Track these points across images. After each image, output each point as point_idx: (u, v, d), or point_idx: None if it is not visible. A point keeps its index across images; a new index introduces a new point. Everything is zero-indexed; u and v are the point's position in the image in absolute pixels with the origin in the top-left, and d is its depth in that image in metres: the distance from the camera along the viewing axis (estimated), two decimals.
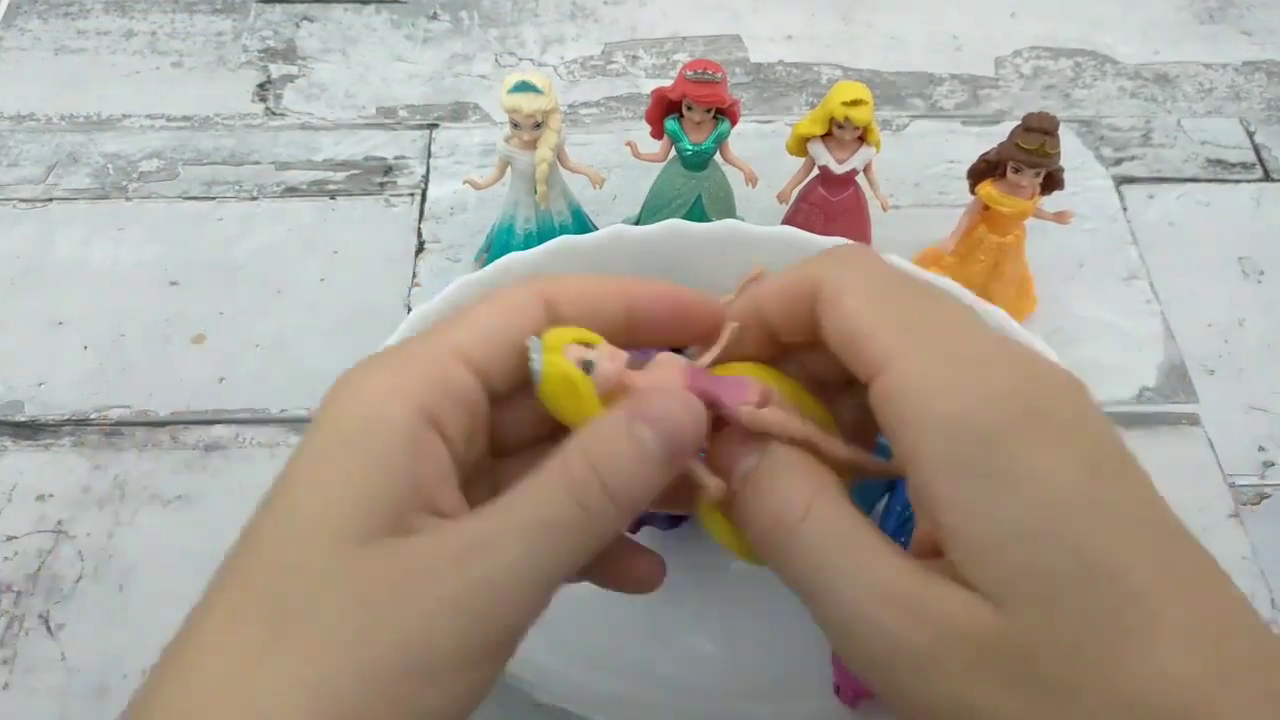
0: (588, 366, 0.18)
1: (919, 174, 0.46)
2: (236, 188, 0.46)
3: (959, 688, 0.15)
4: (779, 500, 0.18)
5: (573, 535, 0.16)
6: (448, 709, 0.15)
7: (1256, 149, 0.48)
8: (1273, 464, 0.38)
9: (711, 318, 0.20)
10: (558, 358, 0.18)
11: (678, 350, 0.20)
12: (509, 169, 0.39)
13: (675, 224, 0.37)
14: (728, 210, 0.41)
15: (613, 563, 0.19)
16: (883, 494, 0.35)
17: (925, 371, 0.17)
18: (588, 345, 0.18)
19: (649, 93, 0.38)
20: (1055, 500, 0.15)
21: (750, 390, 0.19)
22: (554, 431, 0.19)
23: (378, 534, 0.16)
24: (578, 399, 0.18)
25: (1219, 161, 0.48)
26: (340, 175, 0.47)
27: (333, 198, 0.46)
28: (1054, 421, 0.16)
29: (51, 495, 0.37)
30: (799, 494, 0.18)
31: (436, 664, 0.15)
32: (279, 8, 0.54)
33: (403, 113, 0.49)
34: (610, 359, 0.18)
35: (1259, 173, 0.48)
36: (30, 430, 0.38)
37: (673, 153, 0.39)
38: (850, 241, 0.20)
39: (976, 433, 0.16)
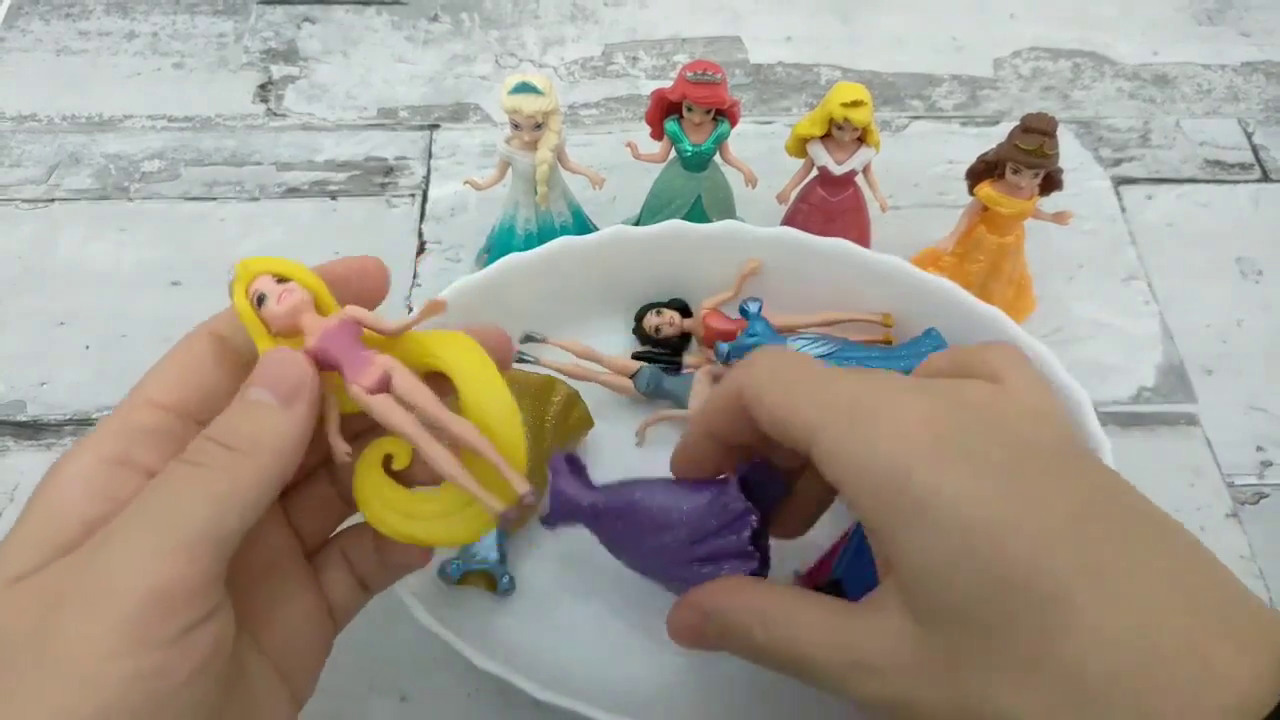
0: (260, 300, 0.20)
1: (918, 175, 0.47)
2: (238, 188, 0.46)
3: (896, 690, 0.19)
4: (738, 642, 0.22)
5: (199, 488, 0.17)
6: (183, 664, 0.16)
7: (1255, 150, 0.49)
8: (1271, 463, 0.38)
9: (377, 275, 0.22)
10: (239, 288, 0.20)
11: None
12: (509, 170, 0.39)
13: (675, 224, 0.37)
14: (727, 211, 0.41)
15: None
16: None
17: (841, 434, 0.20)
18: (280, 279, 0.20)
19: (649, 94, 0.39)
20: (963, 523, 0.17)
21: (367, 371, 0.20)
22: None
23: (34, 569, 0.17)
24: (253, 330, 0.20)
25: (1217, 162, 0.48)
26: (341, 176, 0.47)
27: (334, 198, 0.46)
28: (961, 440, 0.18)
29: None
30: (750, 621, 0.22)
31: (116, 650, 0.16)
32: (280, 9, 0.54)
33: (403, 114, 0.49)
34: (280, 300, 0.20)
35: (1257, 173, 0.48)
36: (32, 430, 0.39)
37: (672, 153, 0.39)
38: (756, 352, 0.24)
39: (890, 473, 0.18)
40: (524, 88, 0.36)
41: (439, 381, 0.21)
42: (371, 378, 0.20)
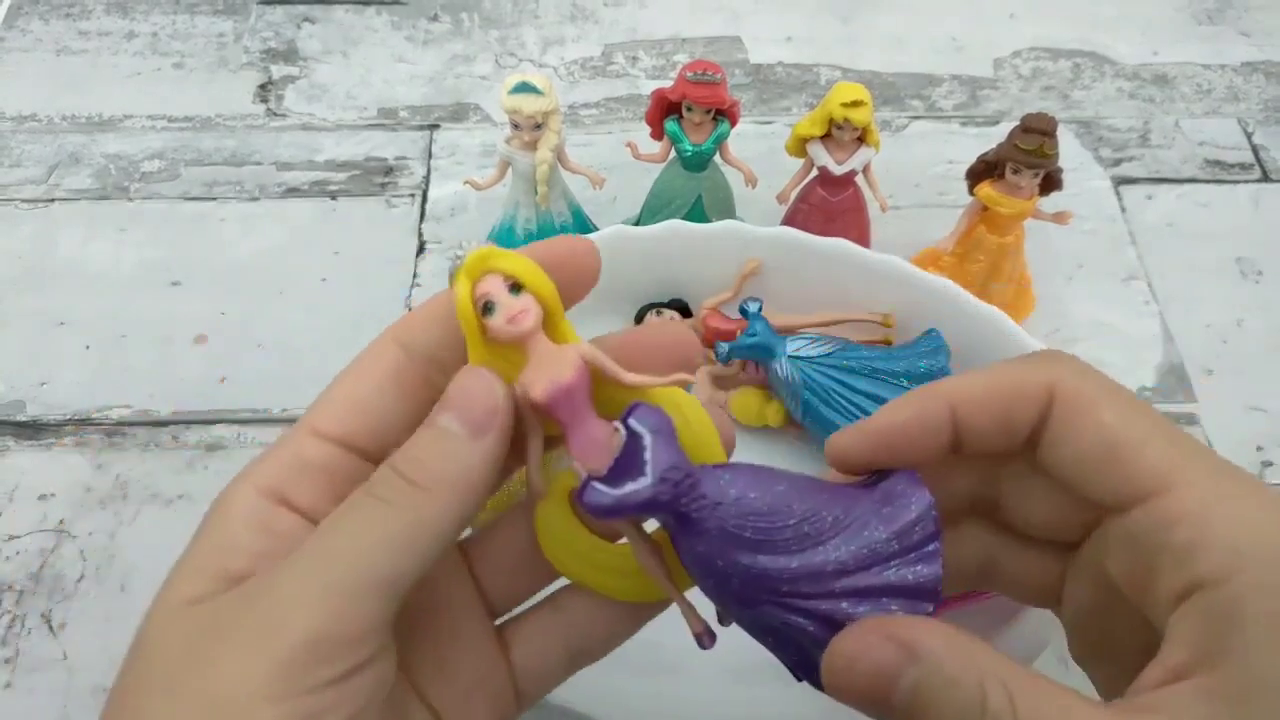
0: (487, 308, 0.17)
1: (918, 175, 0.47)
2: (238, 188, 0.46)
3: None
4: (951, 711, 0.15)
5: (378, 527, 0.16)
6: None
7: (1255, 149, 0.49)
8: (1271, 463, 0.38)
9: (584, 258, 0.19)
10: (465, 282, 0.17)
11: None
12: (509, 170, 0.39)
13: (675, 224, 0.37)
14: (727, 211, 0.41)
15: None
16: None
17: (1227, 493, 0.15)
18: (516, 286, 0.17)
19: (649, 94, 0.39)
20: None
21: (598, 453, 0.17)
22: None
23: (207, 596, 0.16)
24: (470, 336, 0.17)
25: (1217, 162, 0.48)
26: (341, 176, 0.47)
27: (334, 198, 0.46)
28: None
29: (53, 495, 0.37)
30: (990, 692, 0.15)
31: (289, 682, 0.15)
32: (280, 9, 0.54)
33: (403, 113, 0.49)
34: (514, 320, 0.17)
35: (1257, 173, 0.48)
36: (32, 430, 0.39)
37: (672, 153, 0.39)
38: (1053, 350, 0.18)
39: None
40: (524, 88, 0.36)
41: None
42: (601, 463, 0.17)
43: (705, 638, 0.17)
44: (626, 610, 0.19)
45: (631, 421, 0.17)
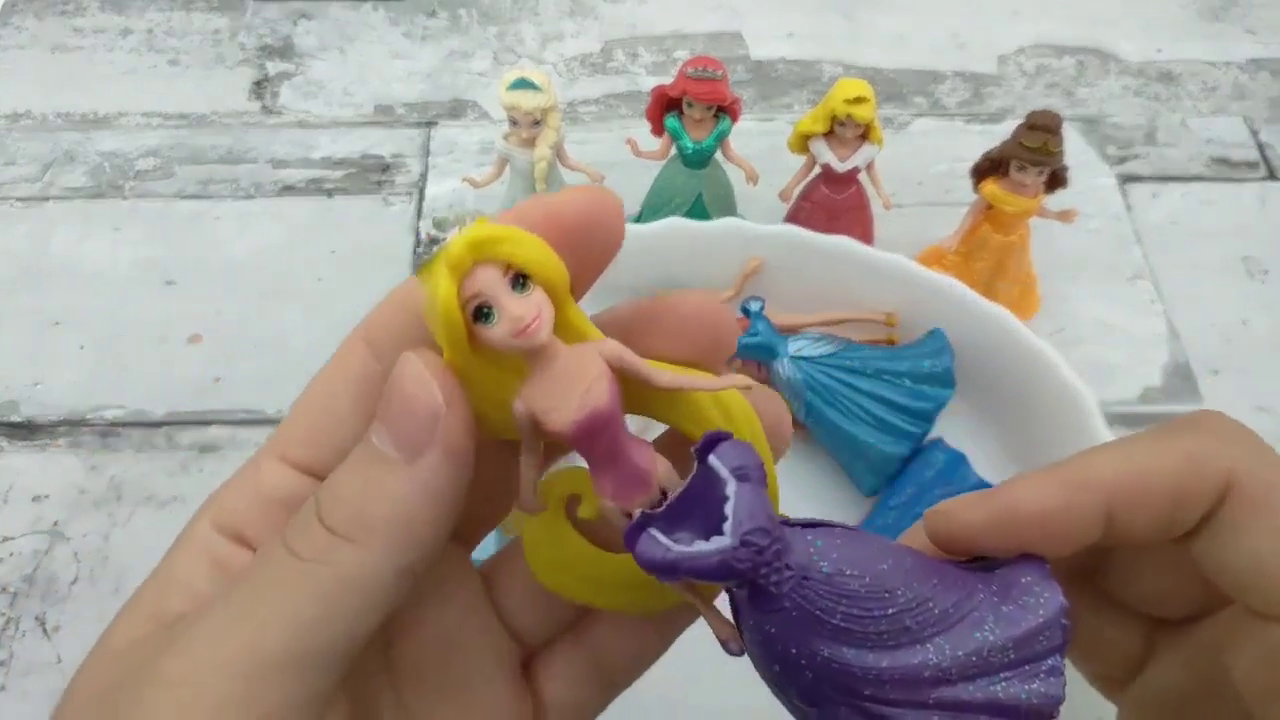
0: (482, 314, 0.13)
1: (922, 172, 0.46)
2: (233, 186, 0.46)
3: None
4: None
5: (288, 592, 0.13)
6: None
7: (1261, 147, 0.48)
8: None
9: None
10: (449, 276, 0.12)
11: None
12: (507, 167, 0.39)
13: (676, 222, 0.37)
14: (729, 208, 0.40)
15: None
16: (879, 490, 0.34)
17: None
18: (519, 277, 0.13)
19: (649, 90, 0.38)
20: None
21: (639, 492, 0.13)
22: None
23: (137, 643, 0.14)
24: (450, 341, 0.13)
25: (1223, 160, 0.48)
26: (338, 174, 0.47)
27: (330, 196, 0.46)
28: None
29: (47, 496, 0.36)
30: None
31: None
32: (276, 5, 0.53)
33: (400, 110, 0.49)
34: (522, 333, 0.13)
35: (1263, 171, 0.47)
36: (26, 431, 0.38)
37: (673, 151, 0.39)
38: (1214, 416, 0.15)
39: None
40: (522, 84, 0.36)
41: (678, 447, 0.15)
42: (645, 504, 0.13)
43: (733, 643, 0.15)
44: (652, 625, 0.17)
45: (713, 460, 0.13)
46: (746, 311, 0.36)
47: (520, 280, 0.13)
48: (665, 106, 0.38)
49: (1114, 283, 0.43)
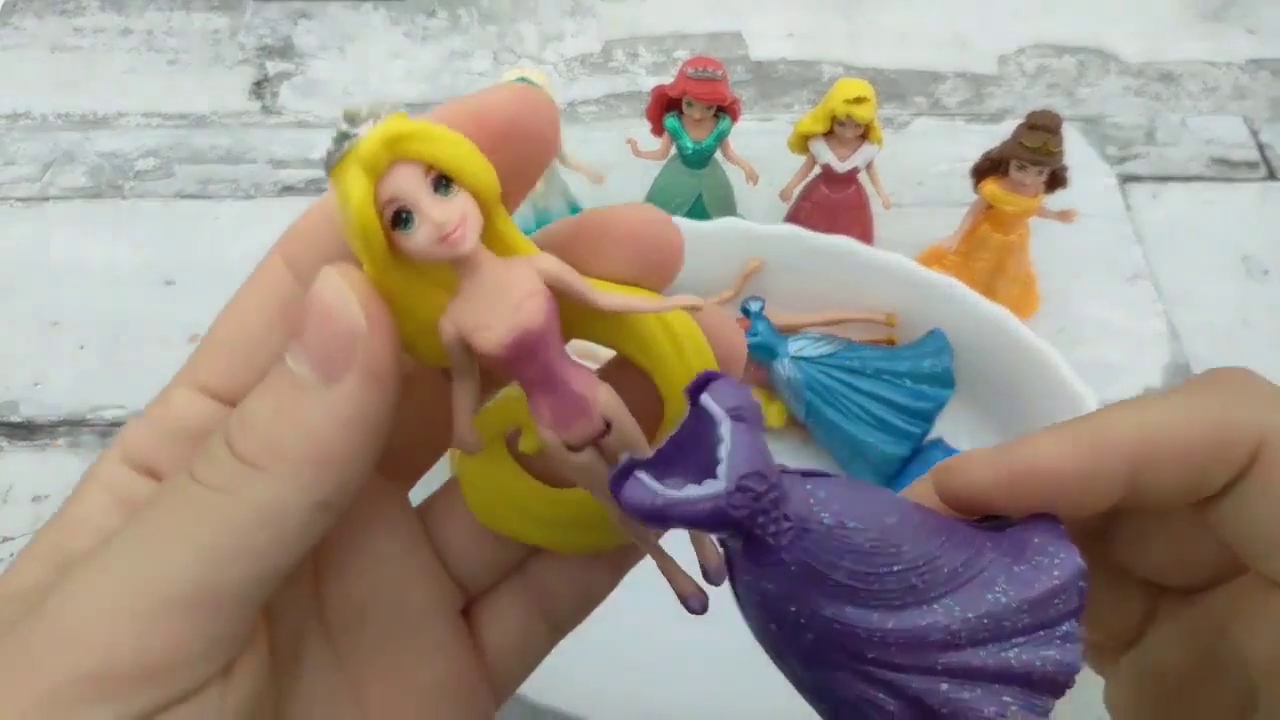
0: (401, 219, 0.11)
1: (922, 172, 0.46)
2: (233, 186, 0.46)
3: None
4: None
5: (192, 524, 0.12)
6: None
7: (1260, 147, 0.48)
8: None
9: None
10: (362, 178, 0.11)
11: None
12: None
13: (676, 222, 0.37)
14: (728, 208, 0.40)
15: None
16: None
17: None
18: (441, 178, 0.11)
19: (649, 90, 0.38)
20: None
21: (581, 419, 0.12)
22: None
23: (34, 587, 0.13)
24: (367, 250, 0.12)
25: (1223, 160, 0.48)
26: None
27: None
28: None
29: (47, 496, 0.36)
30: None
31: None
32: (276, 5, 0.53)
33: (400, 110, 0.49)
34: (448, 239, 0.11)
35: (1263, 171, 0.47)
36: (26, 431, 0.38)
37: (673, 150, 0.39)
38: (1244, 374, 0.14)
39: None
40: (522, 84, 0.36)
41: (624, 374, 0.14)
42: (587, 434, 0.13)
43: (694, 599, 0.14)
44: (600, 563, 0.16)
45: (705, 399, 0.12)
46: (746, 311, 0.36)
47: (443, 182, 0.12)
48: (665, 106, 0.38)
49: (1114, 282, 0.43)
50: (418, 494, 0.16)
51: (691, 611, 0.14)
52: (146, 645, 0.12)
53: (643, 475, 0.12)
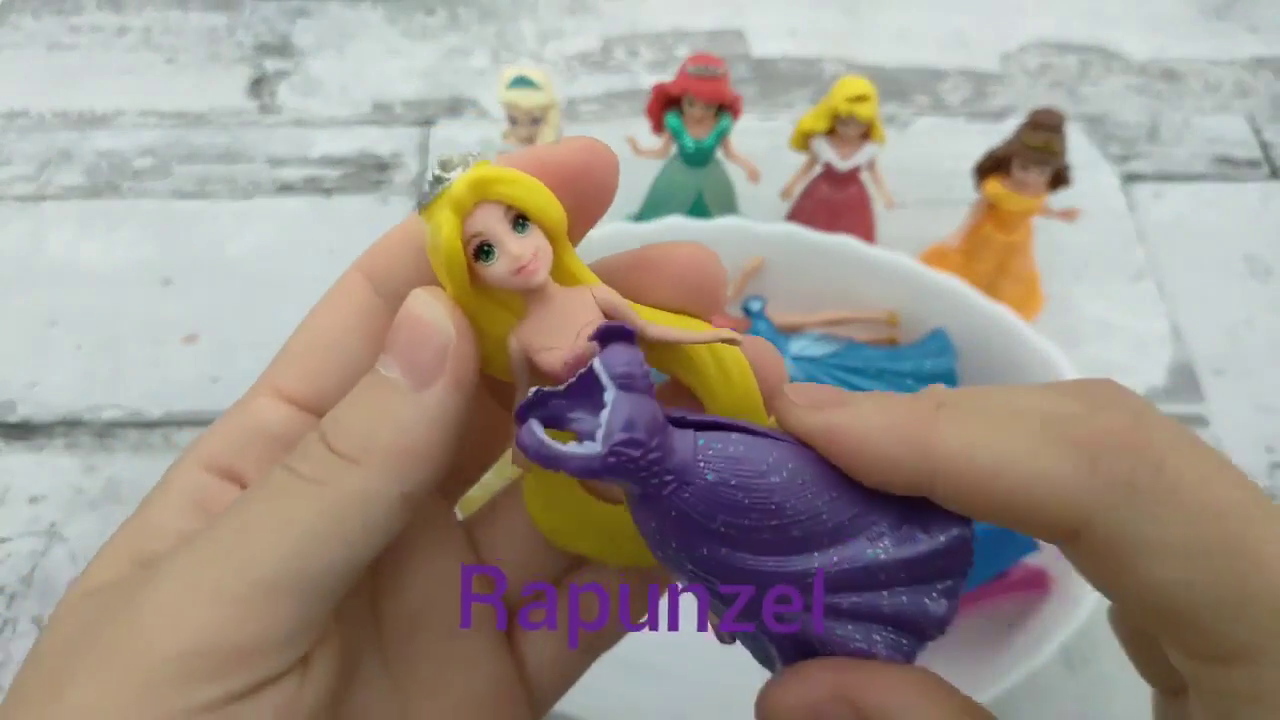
0: (484, 252, 0.13)
1: (924, 171, 0.46)
2: (230, 185, 0.46)
3: None
4: None
5: (288, 512, 0.13)
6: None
7: (1264, 146, 0.48)
8: None
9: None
10: (451, 217, 0.13)
11: None
12: None
13: (677, 221, 0.36)
14: (729, 207, 0.40)
15: None
16: None
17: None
18: (519, 217, 0.13)
19: (649, 88, 0.38)
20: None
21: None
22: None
23: (111, 586, 0.13)
24: (454, 282, 0.13)
25: (1226, 159, 0.47)
26: (335, 172, 0.46)
27: (328, 195, 0.45)
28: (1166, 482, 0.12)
29: (44, 497, 0.36)
30: None
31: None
32: (273, 3, 0.53)
33: (399, 109, 0.49)
34: (522, 270, 0.13)
35: (1266, 170, 0.47)
36: (23, 431, 0.38)
37: (674, 149, 0.39)
38: (1124, 401, 0.13)
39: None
40: (521, 82, 0.36)
41: (676, 396, 0.15)
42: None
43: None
44: (639, 582, 0.16)
45: (596, 363, 0.13)
46: (748, 311, 0.35)
47: (520, 221, 0.13)
48: (666, 104, 0.38)
49: (1117, 282, 0.43)
50: None
51: (722, 641, 0.14)
52: (241, 626, 0.12)
53: (534, 425, 0.13)
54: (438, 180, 0.13)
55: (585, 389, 0.13)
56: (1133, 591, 0.12)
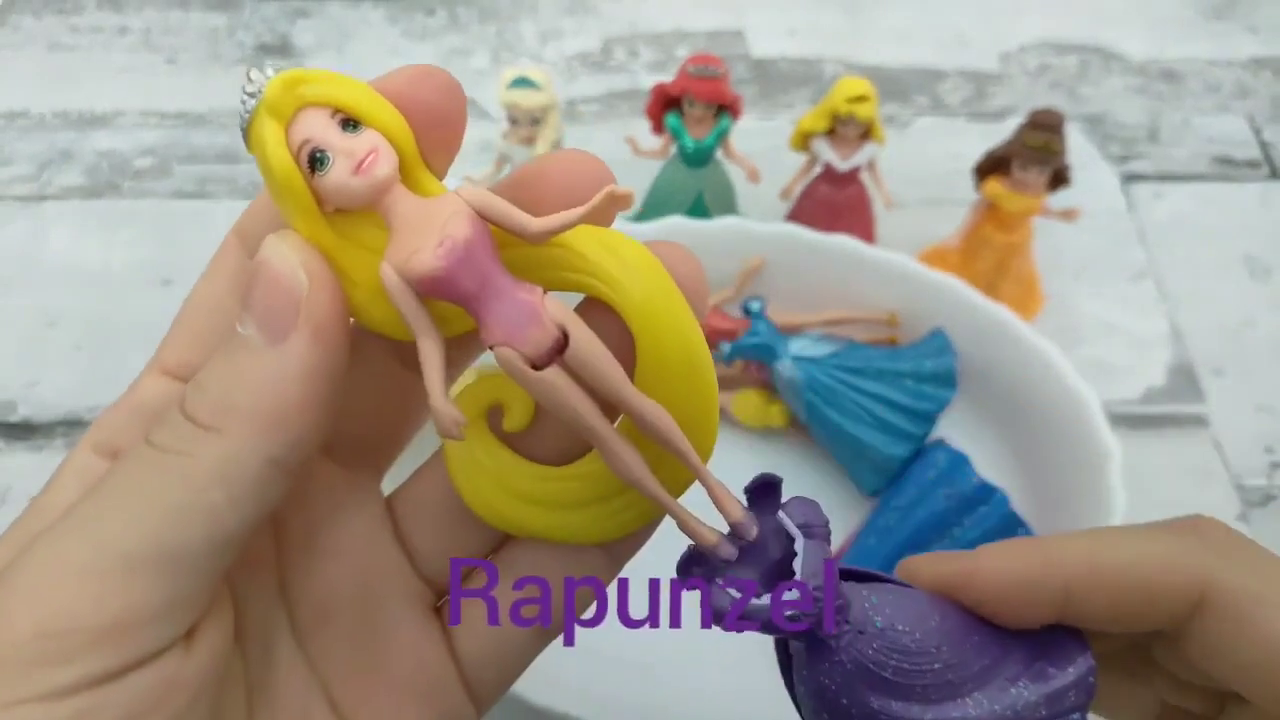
0: (317, 160, 0.12)
1: (924, 171, 0.46)
2: (231, 186, 0.46)
3: None
4: None
5: (150, 485, 0.12)
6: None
7: (1263, 146, 0.48)
8: None
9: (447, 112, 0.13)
10: (274, 127, 0.12)
11: None
12: (506, 165, 0.39)
13: (677, 221, 0.36)
14: (729, 207, 0.40)
15: None
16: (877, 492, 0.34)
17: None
18: (347, 119, 0.12)
19: (649, 88, 0.38)
20: None
21: (532, 330, 0.12)
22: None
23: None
24: (297, 208, 0.12)
25: (1226, 159, 0.47)
26: None
27: None
28: None
29: None
30: None
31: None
32: (274, 3, 0.53)
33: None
34: (363, 168, 0.12)
35: (1266, 170, 0.47)
36: (23, 431, 0.38)
37: (673, 149, 0.39)
38: (1199, 520, 0.15)
39: None
40: (522, 82, 0.36)
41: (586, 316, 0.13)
42: (542, 342, 0.12)
43: (725, 546, 0.13)
44: (597, 553, 0.15)
45: (782, 515, 0.13)
46: (747, 311, 0.35)
47: (350, 124, 0.12)
48: (666, 104, 0.38)
49: (1117, 282, 0.43)
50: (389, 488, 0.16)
51: (726, 558, 0.14)
52: (105, 604, 0.12)
53: (725, 587, 0.13)
54: (250, 96, 0.12)
55: (765, 545, 0.13)
56: (1256, 651, 0.14)
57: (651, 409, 0.13)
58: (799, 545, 0.13)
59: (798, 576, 0.13)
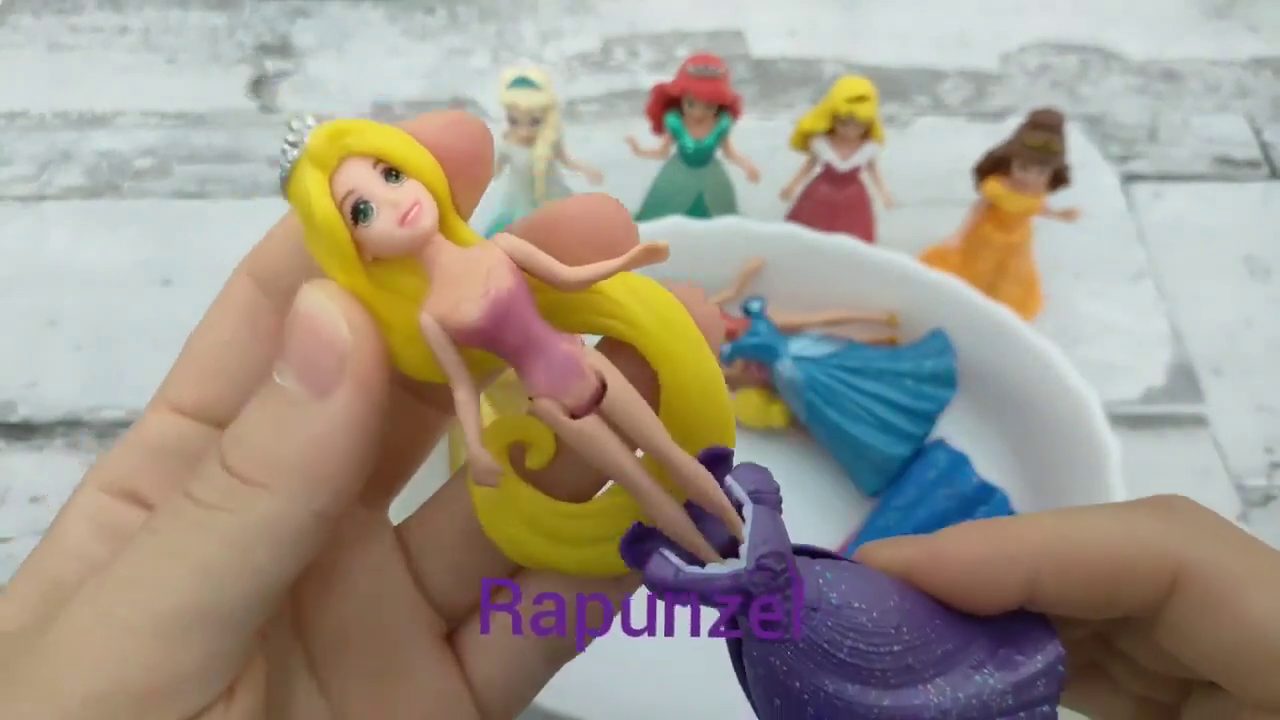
0: (360, 212, 0.12)
1: (924, 171, 0.46)
2: (231, 186, 0.46)
3: None
4: None
5: (192, 542, 0.12)
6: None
7: (1263, 146, 0.48)
8: None
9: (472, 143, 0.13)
10: (318, 178, 0.12)
11: None
12: (506, 166, 0.39)
13: (676, 221, 0.36)
14: (729, 207, 0.40)
15: None
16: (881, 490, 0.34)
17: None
18: (390, 170, 0.12)
19: (649, 88, 0.38)
20: None
21: (574, 382, 0.12)
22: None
23: (21, 625, 0.13)
24: (334, 255, 0.12)
25: (1226, 159, 0.47)
26: None
27: None
28: None
29: (45, 497, 0.36)
30: None
31: None
32: (274, 3, 0.53)
33: (399, 109, 0.49)
34: (407, 220, 0.12)
35: (1266, 170, 0.47)
36: (23, 431, 0.38)
37: (673, 149, 0.39)
38: (1181, 496, 0.15)
39: None
40: (521, 82, 0.36)
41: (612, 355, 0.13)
42: (583, 393, 0.12)
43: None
44: (608, 583, 0.15)
45: (729, 480, 0.13)
46: (747, 311, 0.35)
47: (392, 174, 0.12)
48: (665, 104, 0.38)
49: (1116, 282, 0.43)
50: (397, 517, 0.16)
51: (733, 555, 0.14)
52: (155, 665, 0.12)
53: (666, 552, 0.13)
54: (291, 146, 0.12)
55: (700, 513, 0.13)
56: (1232, 633, 0.13)
57: (687, 462, 0.13)
58: (747, 511, 0.13)
59: (745, 543, 0.12)
